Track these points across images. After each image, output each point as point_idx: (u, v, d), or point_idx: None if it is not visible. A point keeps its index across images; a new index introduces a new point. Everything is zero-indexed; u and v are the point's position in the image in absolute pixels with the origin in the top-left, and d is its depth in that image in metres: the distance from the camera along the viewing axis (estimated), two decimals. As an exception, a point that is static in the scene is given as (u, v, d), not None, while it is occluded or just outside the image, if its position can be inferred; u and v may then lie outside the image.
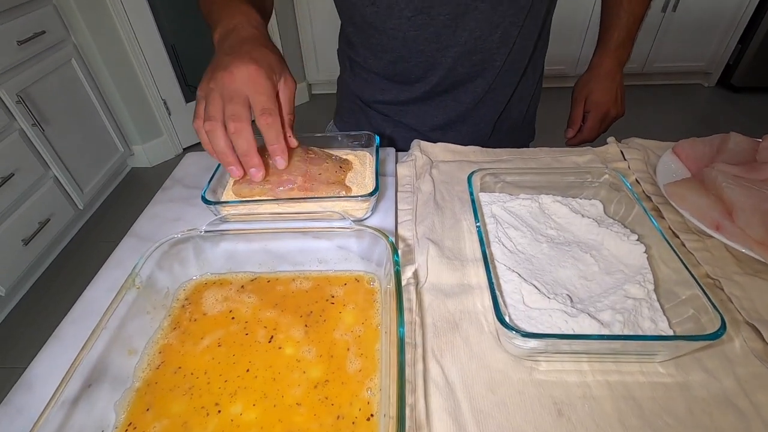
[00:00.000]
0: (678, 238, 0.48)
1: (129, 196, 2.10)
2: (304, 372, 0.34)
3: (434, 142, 0.64)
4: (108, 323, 0.33)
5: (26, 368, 0.37)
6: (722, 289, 0.42)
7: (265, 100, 0.43)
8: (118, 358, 0.34)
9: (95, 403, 0.31)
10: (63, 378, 0.30)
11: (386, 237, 0.38)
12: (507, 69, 0.66)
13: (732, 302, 0.41)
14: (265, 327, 0.37)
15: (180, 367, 0.35)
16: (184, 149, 2.37)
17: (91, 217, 1.95)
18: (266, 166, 0.46)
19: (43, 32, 1.63)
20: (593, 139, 0.80)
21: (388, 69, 0.67)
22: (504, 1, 0.58)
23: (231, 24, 0.49)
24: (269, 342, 0.36)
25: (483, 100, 0.69)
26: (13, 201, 1.49)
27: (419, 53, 0.63)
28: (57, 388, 0.29)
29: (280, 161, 0.45)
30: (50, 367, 0.37)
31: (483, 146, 0.64)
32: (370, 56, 0.68)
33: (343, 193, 0.48)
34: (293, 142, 0.47)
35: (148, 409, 0.32)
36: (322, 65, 2.78)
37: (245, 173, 0.45)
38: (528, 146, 0.85)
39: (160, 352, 0.36)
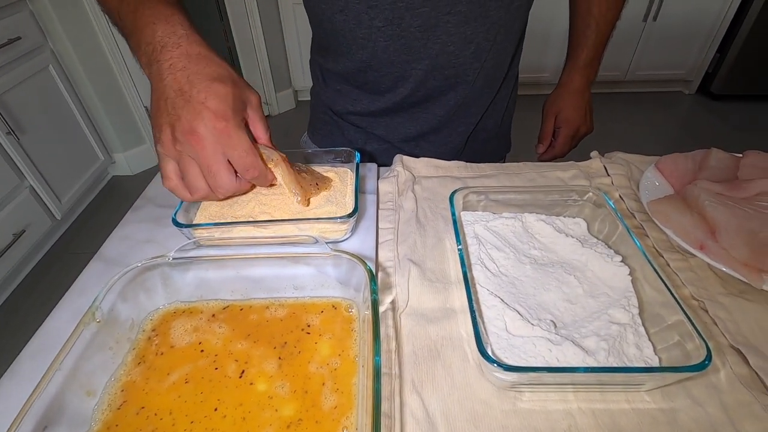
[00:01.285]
0: (662, 257, 0.48)
1: (110, 204, 2.05)
2: (276, 410, 0.32)
3: (407, 153, 0.63)
4: (65, 361, 0.31)
5: None
6: (707, 311, 0.42)
7: (244, 156, 0.40)
8: (76, 399, 0.31)
9: (49, 450, 0.29)
10: (13, 421, 0.28)
11: (364, 264, 0.36)
12: (480, 83, 0.66)
13: (717, 325, 0.40)
14: (236, 360, 0.35)
15: (143, 407, 0.32)
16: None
17: (69, 228, 1.90)
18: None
19: (19, 38, 1.58)
20: (564, 154, 0.82)
21: (359, 78, 0.67)
22: (476, 16, 0.58)
23: (154, 40, 0.40)
24: (240, 377, 0.34)
25: (456, 113, 0.69)
26: (-15, 212, 1.44)
27: (389, 64, 0.62)
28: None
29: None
30: (4, 407, 0.34)
31: (457, 158, 0.64)
32: (339, 63, 0.67)
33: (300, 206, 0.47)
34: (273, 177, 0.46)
35: (106, 457, 0.30)
36: (308, 72, 2.75)
37: None
38: (505, 157, 0.85)
39: (122, 390, 0.34)
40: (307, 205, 0.48)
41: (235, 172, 0.41)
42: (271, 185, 0.47)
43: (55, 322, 0.41)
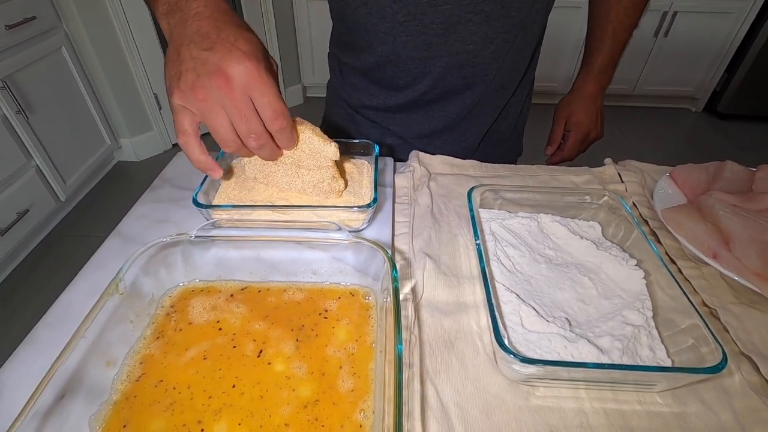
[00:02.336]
0: (675, 264, 0.48)
1: (114, 189, 2.05)
2: (294, 390, 0.32)
3: (421, 150, 0.64)
4: (87, 331, 0.31)
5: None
6: (719, 319, 0.42)
7: (274, 101, 0.37)
8: (95, 369, 0.32)
9: (68, 417, 0.29)
10: (36, 388, 0.28)
11: (385, 251, 0.37)
12: (497, 84, 0.67)
13: (728, 332, 0.41)
14: (254, 340, 0.36)
15: (161, 381, 0.33)
16: (173, 145, 2.33)
17: (72, 210, 1.89)
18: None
19: (34, 18, 1.59)
20: (572, 158, 0.83)
21: (377, 72, 0.67)
22: (498, 17, 0.58)
23: None
24: (258, 356, 0.34)
25: (471, 113, 0.69)
26: (-9, 189, 1.44)
27: (409, 59, 0.63)
28: (30, 399, 0.27)
29: (290, 148, 0.43)
30: (21, 374, 0.34)
31: (469, 158, 0.64)
32: (359, 58, 0.67)
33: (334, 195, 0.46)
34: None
35: (124, 426, 0.30)
36: (318, 68, 2.77)
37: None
38: (516, 161, 0.86)
39: (141, 363, 0.34)
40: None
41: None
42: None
43: (71, 294, 0.41)
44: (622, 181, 0.60)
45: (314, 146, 0.45)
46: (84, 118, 1.91)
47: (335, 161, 0.46)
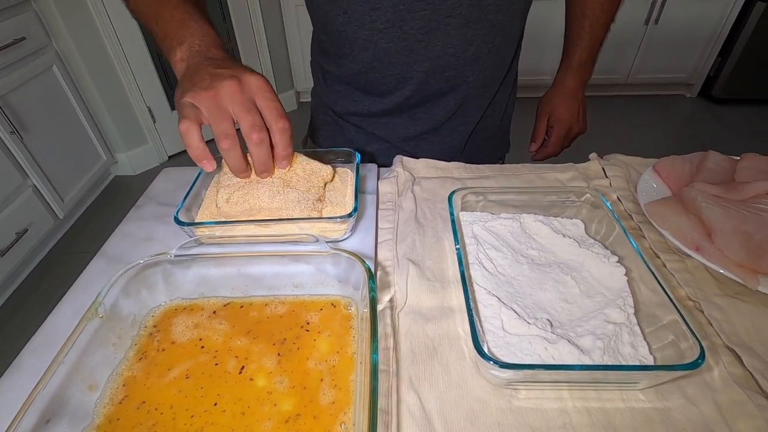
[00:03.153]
0: (659, 258, 0.48)
1: (112, 204, 2.06)
2: (275, 405, 0.33)
3: (407, 153, 0.64)
4: (67, 356, 0.31)
5: None
6: (702, 312, 0.42)
7: (279, 106, 0.43)
8: (78, 393, 0.32)
9: (52, 442, 0.30)
10: (16, 415, 0.28)
11: (362, 262, 0.37)
12: (480, 84, 0.67)
13: (712, 325, 0.40)
14: (236, 356, 0.36)
15: (144, 402, 0.33)
16: (169, 157, 2.34)
17: (72, 227, 1.91)
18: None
19: (23, 38, 1.60)
20: (557, 153, 0.83)
21: (360, 79, 0.67)
22: (476, 19, 0.58)
23: (203, 44, 0.46)
24: (240, 373, 0.35)
25: (456, 114, 0.70)
26: (-12, 211, 1.45)
27: (391, 65, 0.63)
28: (10, 425, 0.28)
29: (285, 164, 0.46)
30: (7, 401, 0.35)
31: (457, 157, 0.64)
32: (341, 65, 0.67)
33: (316, 214, 0.47)
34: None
35: (107, 449, 0.30)
36: (310, 73, 2.77)
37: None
38: (504, 158, 0.86)
39: (124, 385, 0.34)
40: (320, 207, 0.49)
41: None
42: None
43: (57, 318, 0.41)
44: (607, 176, 0.60)
45: (309, 167, 0.49)
46: (78, 135, 1.92)
47: (325, 183, 0.50)
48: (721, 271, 0.43)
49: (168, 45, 0.47)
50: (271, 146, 0.44)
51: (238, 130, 0.41)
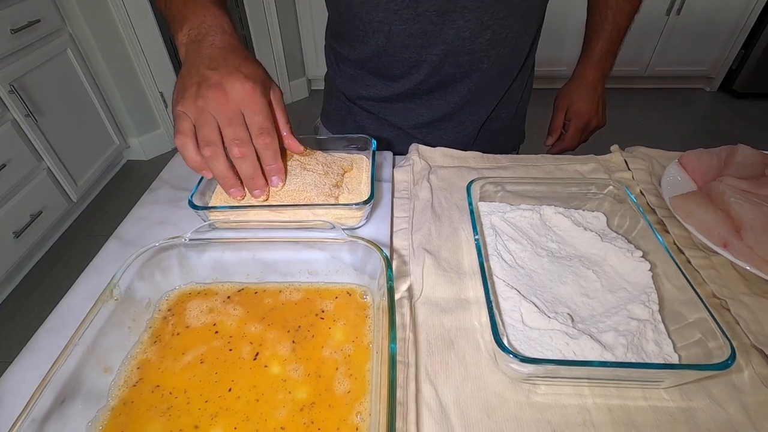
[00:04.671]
0: (683, 254, 0.47)
1: (124, 188, 2.08)
2: (290, 393, 0.32)
3: (419, 140, 0.63)
4: (83, 337, 0.31)
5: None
6: (729, 310, 0.41)
7: (263, 120, 0.41)
8: (93, 374, 0.32)
9: (66, 423, 0.29)
10: (33, 394, 0.28)
11: (380, 250, 0.36)
12: (496, 72, 0.65)
13: (739, 324, 0.39)
14: (251, 343, 0.35)
15: (158, 385, 0.33)
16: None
17: (84, 210, 1.93)
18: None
19: (38, 21, 1.60)
20: (574, 147, 0.81)
21: (373, 63, 0.66)
22: (493, 3, 0.57)
23: (201, 27, 0.44)
24: (254, 359, 0.34)
25: (470, 101, 0.68)
26: (4, 192, 1.47)
27: (404, 49, 0.61)
28: (26, 404, 0.28)
29: (276, 180, 0.44)
30: (22, 381, 0.35)
31: (469, 146, 0.63)
32: (355, 48, 0.66)
33: (332, 200, 0.46)
34: (300, 148, 0.48)
35: (122, 432, 0.30)
36: (322, 61, 2.73)
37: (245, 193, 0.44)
38: (518, 149, 0.84)
39: (138, 368, 0.34)
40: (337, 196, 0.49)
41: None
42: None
43: (71, 299, 0.41)
44: (629, 169, 0.58)
45: (330, 157, 0.50)
46: (92, 119, 1.93)
47: (345, 173, 0.51)
48: (750, 268, 0.42)
49: (174, 28, 0.47)
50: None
51: None
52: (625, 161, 0.60)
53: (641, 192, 0.55)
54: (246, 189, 0.44)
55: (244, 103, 0.40)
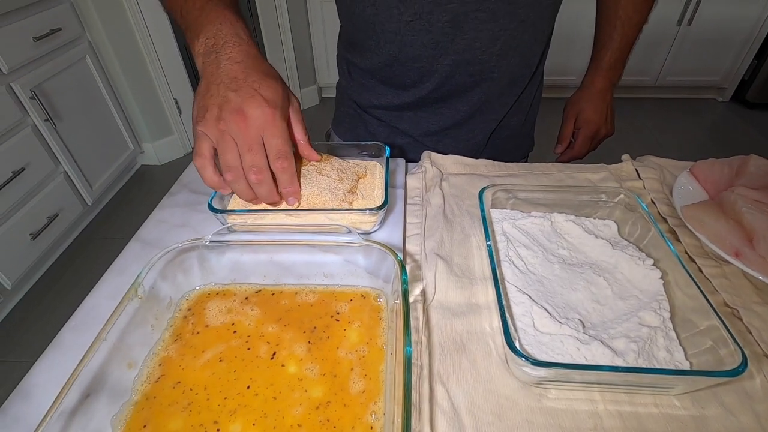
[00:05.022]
0: (694, 263, 0.47)
1: (138, 193, 2.11)
2: (306, 391, 0.33)
3: (429, 147, 0.64)
4: (109, 334, 0.32)
5: (32, 362, 0.36)
6: (741, 319, 0.41)
7: (281, 144, 0.42)
8: (117, 370, 0.33)
9: (92, 417, 0.31)
10: (62, 389, 0.29)
11: (394, 254, 0.37)
12: (506, 81, 0.66)
13: (751, 333, 0.39)
14: (268, 342, 0.36)
15: (179, 382, 0.34)
16: (193, 148, 2.38)
17: (99, 214, 1.96)
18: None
19: (59, 29, 1.65)
20: (582, 156, 0.82)
21: (384, 72, 0.67)
22: (504, 14, 0.58)
23: (218, 36, 0.44)
24: (271, 358, 0.35)
25: (480, 110, 0.69)
26: (23, 195, 1.50)
27: (416, 58, 0.63)
28: (56, 399, 0.29)
29: (292, 201, 0.46)
30: (48, 376, 0.36)
31: (479, 154, 0.64)
32: (367, 58, 0.68)
33: (346, 205, 0.47)
34: (317, 157, 0.50)
35: (144, 426, 0.31)
36: (333, 69, 2.75)
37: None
38: (527, 157, 0.85)
39: (160, 365, 0.35)
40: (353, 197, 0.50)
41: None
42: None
43: (95, 299, 0.43)
44: (640, 178, 0.59)
45: (345, 164, 0.51)
46: (108, 124, 1.97)
47: (359, 179, 0.52)
48: (762, 278, 0.42)
49: (189, 36, 0.47)
50: None
51: None
52: (636, 170, 0.60)
53: (652, 201, 0.55)
54: None
55: (263, 128, 0.41)
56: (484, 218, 0.46)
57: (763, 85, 2.52)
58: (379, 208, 0.45)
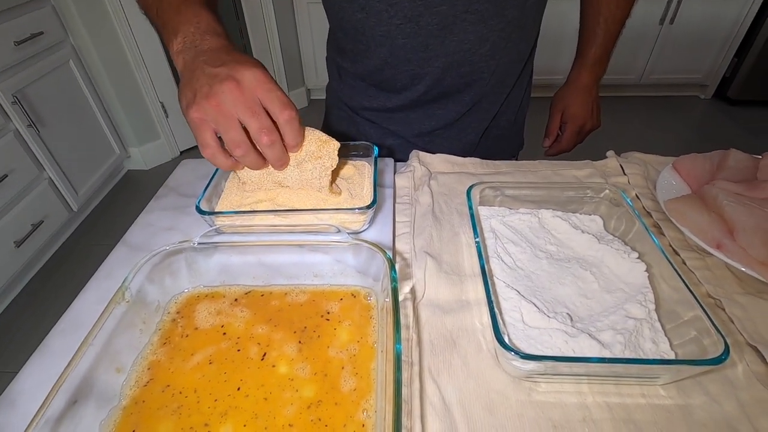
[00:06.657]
0: (678, 255, 0.48)
1: (124, 198, 2.09)
2: (297, 391, 0.33)
3: (421, 148, 0.64)
4: (96, 339, 0.32)
5: (16, 373, 0.36)
6: (723, 309, 0.42)
7: (282, 95, 0.40)
8: (105, 375, 0.33)
9: (79, 422, 0.30)
10: (48, 395, 0.29)
11: (384, 252, 0.37)
12: (495, 81, 0.67)
13: (734, 323, 0.40)
14: (258, 343, 0.36)
15: (169, 385, 0.33)
16: (181, 152, 2.36)
17: (85, 220, 1.93)
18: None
19: (41, 33, 1.62)
20: (570, 149, 0.83)
21: (375, 76, 0.68)
22: (492, 15, 0.58)
23: (196, 33, 0.44)
24: (262, 359, 0.35)
25: (470, 110, 0.70)
26: (6, 202, 1.48)
27: (407, 61, 0.63)
28: (41, 406, 0.28)
29: (296, 149, 0.45)
30: (35, 382, 0.35)
31: (470, 153, 0.64)
32: (357, 62, 0.68)
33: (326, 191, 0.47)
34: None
35: (134, 430, 0.31)
36: (321, 70, 2.78)
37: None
38: (518, 155, 0.86)
39: (148, 369, 0.35)
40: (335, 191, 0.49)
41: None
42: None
43: (81, 303, 0.42)
44: (625, 174, 0.60)
45: (317, 136, 0.47)
46: (93, 129, 1.94)
47: (336, 157, 0.49)
48: (743, 269, 0.43)
49: (166, 36, 0.46)
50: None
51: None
52: (621, 166, 0.61)
53: (637, 196, 0.56)
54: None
55: (258, 87, 0.39)
56: (472, 216, 0.46)
57: (744, 82, 2.57)
58: (368, 207, 0.46)
